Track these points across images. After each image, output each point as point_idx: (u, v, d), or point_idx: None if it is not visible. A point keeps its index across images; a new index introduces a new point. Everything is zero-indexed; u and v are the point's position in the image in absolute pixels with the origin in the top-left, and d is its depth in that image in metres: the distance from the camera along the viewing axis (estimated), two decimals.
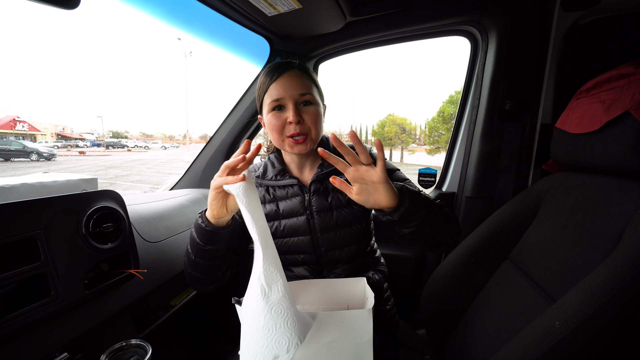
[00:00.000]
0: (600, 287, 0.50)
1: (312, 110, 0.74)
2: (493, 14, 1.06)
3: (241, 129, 1.41)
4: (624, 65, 0.66)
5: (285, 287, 0.49)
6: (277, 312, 0.47)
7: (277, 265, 0.51)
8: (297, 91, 0.73)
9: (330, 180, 0.59)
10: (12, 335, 0.56)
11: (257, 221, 0.51)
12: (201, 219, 0.66)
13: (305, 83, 0.74)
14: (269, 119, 0.74)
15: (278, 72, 0.73)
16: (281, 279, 0.50)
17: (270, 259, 0.50)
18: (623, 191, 0.60)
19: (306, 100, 0.74)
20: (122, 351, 0.57)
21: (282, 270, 0.52)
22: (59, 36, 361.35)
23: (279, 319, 0.47)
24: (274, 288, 0.49)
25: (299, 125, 0.73)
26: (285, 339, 0.46)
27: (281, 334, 0.46)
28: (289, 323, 0.47)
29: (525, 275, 0.73)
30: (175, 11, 1.10)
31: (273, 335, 0.47)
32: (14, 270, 0.57)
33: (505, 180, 1.13)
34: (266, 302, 0.48)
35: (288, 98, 0.72)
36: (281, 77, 0.73)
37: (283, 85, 0.72)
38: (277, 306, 0.48)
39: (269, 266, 0.50)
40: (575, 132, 0.73)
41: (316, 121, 0.75)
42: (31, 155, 15.85)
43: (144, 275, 0.79)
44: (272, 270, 0.50)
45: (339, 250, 0.81)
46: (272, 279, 0.49)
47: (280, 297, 0.48)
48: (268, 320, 0.47)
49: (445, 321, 0.88)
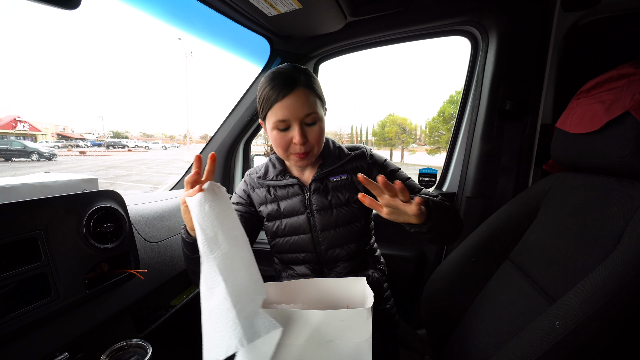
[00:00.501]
0: (601, 287, 0.50)
1: (316, 130, 0.75)
2: (493, 14, 1.06)
3: (241, 129, 1.41)
4: (624, 65, 0.66)
5: (227, 290, 0.49)
6: (217, 315, 0.48)
7: (224, 269, 0.51)
8: (302, 112, 0.72)
9: (360, 198, 0.60)
10: (12, 335, 0.56)
11: (204, 230, 0.52)
12: (184, 231, 0.68)
13: (311, 101, 0.73)
14: (274, 135, 0.75)
15: (284, 91, 0.70)
16: (223, 282, 0.49)
17: (212, 265, 0.50)
18: (623, 191, 0.60)
19: (312, 120, 0.74)
20: (123, 351, 0.58)
21: (234, 272, 0.52)
22: (60, 36, 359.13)
23: (219, 322, 0.48)
24: (215, 292, 0.49)
25: (304, 145, 0.74)
26: (225, 341, 0.46)
27: (221, 337, 0.47)
28: (229, 326, 0.47)
29: (526, 275, 0.73)
30: (175, 11, 1.11)
31: (214, 337, 0.47)
32: (15, 270, 0.57)
33: (505, 181, 1.13)
34: (207, 305, 0.49)
35: (294, 119, 0.72)
36: (287, 98, 0.71)
37: (289, 107, 0.71)
38: (217, 309, 0.48)
39: (209, 271, 0.50)
40: (575, 132, 0.73)
41: (320, 139, 0.76)
42: (32, 155, 15.87)
43: (144, 275, 0.79)
44: (213, 274, 0.50)
45: (339, 248, 0.82)
46: (213, 283, 0.50)
47: (221, 301, 0.49)
48: (210, 323, 0.48)
49: (446, 321, 0.88)
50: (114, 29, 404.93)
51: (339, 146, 0.87)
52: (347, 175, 0.83)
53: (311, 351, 0.56)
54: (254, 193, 0.87)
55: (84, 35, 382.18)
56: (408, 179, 0.86)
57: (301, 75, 0.73)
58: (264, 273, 0.56)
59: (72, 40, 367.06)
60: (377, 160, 0.86)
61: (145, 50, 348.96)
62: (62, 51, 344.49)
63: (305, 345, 0.55)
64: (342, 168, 0.84)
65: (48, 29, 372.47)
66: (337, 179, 0.83)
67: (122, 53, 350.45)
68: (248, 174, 0.90)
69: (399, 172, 0.86)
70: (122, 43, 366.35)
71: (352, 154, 0.85)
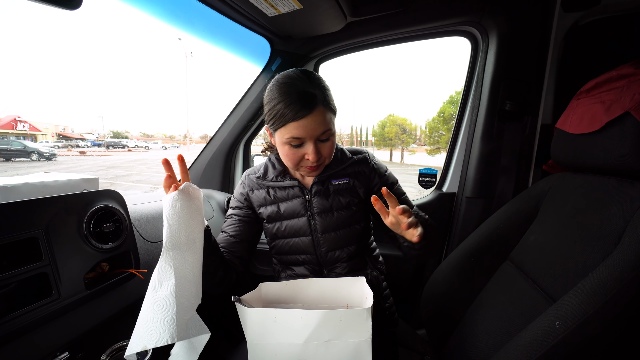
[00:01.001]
0: (601, 287, 0.50)
1: (329, 145, 0.73)
2: (493, 14, 1.06)
3: (242, 129, 1.41)
4: (624, 65, 0.66)
5: (177, 287, 0.52)
6: (159, 306, 0.50)
7: (177, 267, 0.54)
8: (319, 131, 0.69)
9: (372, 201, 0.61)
10: (13, 335, 0.56)
11: (171, 226, 0.54)
12: None
13: (328, 118, 0.70)
14: (285, 150, 0.72)
15: (303, 112, 0.66)
16: (174, 279, 0.52)
17: (169, 259, 0.53)
18: (623, 191, 0.60)
19: (326, 137, 0.72)
20: (123, 351, 0.58)
21: (184, 274, 0.55)
22: (60, 36, 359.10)
23: (158, 313, 0.50)
24: (165, 285, 0.52)
25: (318, 161, 0.73)
26: (157, 333, 0.49)
27: (155, 328, 0.49)
28: (166, 320, 0.49)
29: (526, 275, 0.73)
30: (176, 11, 1.11)
31: (148, 327, 0.49)
32: (15, 270, 0.57)
33: (505, 181, 1.13)
34: (152, 295, 0.51)
35: (309, 138, 0.69)
36: (305, 118, 0.67)
37: (306, 127, 0.67)
38: (161, 301, 0.51)
39: (165, 265, 0.53)
40: (575, 133, 0.73)
41: (332, 152, 0.75)
42: (32, 155, 15.87)
43: (144, 275, 0.79)
44: (167, 269, 0.53)
45: (339, 250, 0.82)
46: (165, 277, 0.53)
47: (167, 294, 0.51)
48: (149, 312, 0.50)
49: (445, 321, 0.88)
50: (115, 29, 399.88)
51: (342, 149, 0.86)
52: (349, 179, 0.82)
53: (311, 351, 0.56)
54: (253, 194, 0.85)
55: (84, 35, 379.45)
56: (403, 195, 0.86)
57: (318, 91, 0.68)
58: (263, 273, 0.57)
59: (73, 40, 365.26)
60: (379, 168, 0.86)
61: (145, 50, 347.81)
62: (62, 51, 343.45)
63: (305, 345, 0.55)
64: (344, 171, 0.83)
65: (48, 28, 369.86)
66: (339, 182, 0.82)
67: (123, 53, 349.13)
68: (246, 174, 0.89)
69: (396, 187, 0.86)
70: (122, 43, 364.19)
71: (355, 157, 0.85)
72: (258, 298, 0.67)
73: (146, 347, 0.48)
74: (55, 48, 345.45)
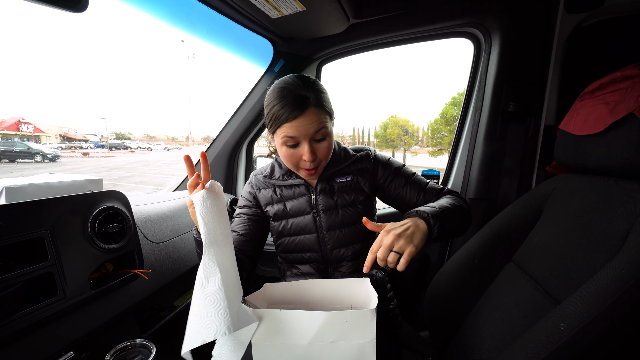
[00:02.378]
0: (605, 289, 0.50)
1: (325, 145, 0.75)
2: (496, 15, 1.06)
3: (244, 130, 1.41)
4: (628, 66, 0.66)
5: (224, 281, 0.54)
6: (210, 301, 0.52)
7: (221, 262, 0.56)
8: (312, 130, 0.72)
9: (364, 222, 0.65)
10: (19, 334, 0.56)
11: (207, 223, 0.56)
12: (195, 231, 0.71)
13: (321, 119, 0.72)
14: (283, 151, 0.75)
15: (295, 112, 0.70)
16: (220, 274, 0.54)
17: (211, 256, 0.55)
18: (627, 193, 0.60)
19: (320, 136, 0.74)
20: (127, 351, 0.58)
21: (228, 267, 0.57)
22: (64, 38, 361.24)
23: (211, 308, 0.51)
24: (212, 281, 0.54)
25: (313, 162, 0.75)
26: (214, 326, 0.50)
27: (211, 322, 0.51)
28: (220, 313, 0.51)
29: (529, 277, 0.73)
30: (179, 13, 1.12)
31: (204, 321, 0.51)
32: (22, 270, 0.57)
33: (508, 182, 1.12)
34: (202, 292, 0.53)
35: (303, 138, 0.72)
36: (297, 119, 0.70)
37: (298, 127, 0.71)
38: (211, 296, 0.52)
39: (209, 261, 0.55)
40: (579, 134, 0.72)
41: (328, 154, 0.77)
42: (36, 157, 15.98)
43: (148, 275, 0.79)
44: (212, 265, 0.55)
45: (344, 248, 0.83)
46: (211, 272, 0.54)
47: (216, 289, 0.53)
48: (202, 308, 0.52)
49: (449, 323, 0.87)
50: (118, 31, 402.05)
51: (344, 147, 0.88)
52: (353, 176, 0.84)
53: (315, 352, 0.56)
54: (260, 194, 0.87)
55: (87, 38, 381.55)
56: (414, 175, 0.87)
57: (311, 93, 0.71)
58: (268, 274, 0.57)
59: (76, 42, 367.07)
60: (381, 160, 0.87)
61: (148, 52, 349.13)
62: (66, 53, 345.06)
63: (310, 346, 0.55)
64: (347, 169, 0.85)
65: (52, 31, 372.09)
66: (343, 180, 0.84)
67: (126, 55, 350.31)
68: (253, 174, 0.91)
69: (403, 169, 0.87)
70: (125, 45, 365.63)
71: (357, 155, 0.87)
72: (262, 298, 0.68)
73: (205, 341, 0.50)
74: (59, 50, 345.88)
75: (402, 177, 0.85)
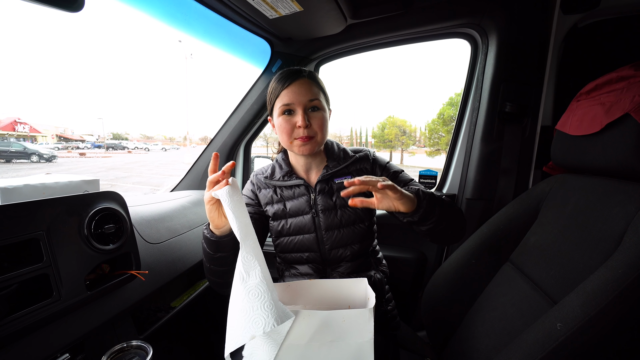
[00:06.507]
0: (602, 288, 0.50)
1: (319, 116, 0.79)
2: (493, 16, 1.07)
3: (242, 130, 1.41)
4: (624, 67, 0.67)
5: (263, 274, 0.53)
6: (254, 295, 0.51)
7: (257, 254, 0.55)
8: (306, 97, 0.78)
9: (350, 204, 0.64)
10: (14, 336, 0.56)
11: (238, 217, 0.56)
12: (206, 230, 0.70)
13: (314, 90, 0.79)
14: (280, 122, 0.79)
15: (289, 80, 0.78)
16: (259, 266, 0.53)
17: (249, 249, 0.54)
18: (623, 193, 0.61)
19: (314, 106, 0.79)
20: (123, 352, 0.58)
21: (262, 260, 0.56)
22: (60, 38, 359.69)
23: (256, 302, 0.51)
24: (252, 274, 0.53)
25: (307, 129, 0.77)
26: (262, 320, 0.49)
27: (258, 315, 0.50)
28: (266, 306, 0.50)
29: (526, 277, 0.73)
30: (177, 13, 1.11)
31: (250, 316, 0.50)
32: (17, 271, 0.57)
33: (505, 182, 1.13)
34: (244, 286, 0.52)
35: (297, 104, 0.77)
36: (292, 85, 0.78)
37: (293, 92, 0.77)
38: (254, 290, 0.51)
39: (247, 255, 0.54)
40: (575, 134, 0.73)
41: (322, 125, 0.80)
42: (32, 157, 15.85)
43: (145, 276, 0.79)
44: (250, 258, 0.54)
45: (342, 248, 0.83)
46: (250, 266, 0.53)
47: (258, 282, 0.52)
48: (246, 303, 0.51)
49: (446, 323, 0.88)
50: (115, 30, 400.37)
51: (343, 148, 0.89)
52: (351, 177, 0.84)
53: (313, 351, 0.56)
54: (261, 193, 0.89)
55: (84, 37, 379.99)
56: (411, 180, 0.87)
57: (305, 70, 0.81)
58: None
59: (73, 42, 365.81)
60: (380, 162, 0.89)
61: (145, 52, 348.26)
62: (62, 53, 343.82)
63: (308, 346, 0.55)
64: (346, 170, 0.86)
65: (48, 30, 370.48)
66: (342, 180, 0.84)
67: (123, 55, 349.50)
68: (254, 174, 0.93)
69: (402, 174, 0.88)
70: (122, 45, 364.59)
71: (356, 155, 0.88)
72: None
73: (254, 336, 0.49)
74: (55, 50, 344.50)
75: (400, 182, 0.85)
